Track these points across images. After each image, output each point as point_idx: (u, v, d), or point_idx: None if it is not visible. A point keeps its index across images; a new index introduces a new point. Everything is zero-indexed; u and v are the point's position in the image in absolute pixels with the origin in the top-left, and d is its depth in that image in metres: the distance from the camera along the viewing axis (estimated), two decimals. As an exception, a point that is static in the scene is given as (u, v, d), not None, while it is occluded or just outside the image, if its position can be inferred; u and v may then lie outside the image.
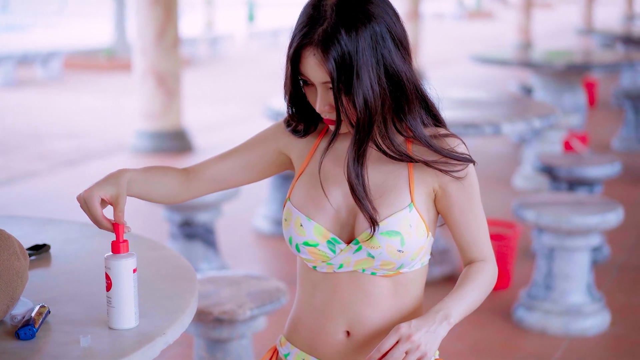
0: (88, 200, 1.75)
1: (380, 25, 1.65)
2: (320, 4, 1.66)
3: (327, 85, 1.67)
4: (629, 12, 23.04)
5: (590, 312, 4.09)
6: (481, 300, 1.75)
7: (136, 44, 8.29)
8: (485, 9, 34.99)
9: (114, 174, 1.79)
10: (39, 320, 1.73)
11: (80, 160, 8.13)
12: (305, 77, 1.69)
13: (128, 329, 1.74)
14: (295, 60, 1.68)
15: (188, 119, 9.24)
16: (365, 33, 1.63)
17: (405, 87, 1.69)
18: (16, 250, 1.74)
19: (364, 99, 1.64)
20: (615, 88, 10.52)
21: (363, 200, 1.69)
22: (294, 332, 1.88)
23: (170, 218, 4.53)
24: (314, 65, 1.65)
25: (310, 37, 1.64)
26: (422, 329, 1.63)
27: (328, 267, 1.78)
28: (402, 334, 1.61)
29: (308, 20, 1.66)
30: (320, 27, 1.64)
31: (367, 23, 1.64)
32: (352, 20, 1.63)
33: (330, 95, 1.68)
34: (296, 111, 1.81)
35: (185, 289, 1.98)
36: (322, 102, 1.70)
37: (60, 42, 18.60)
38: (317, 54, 1.64)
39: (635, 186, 6.78)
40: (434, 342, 1.63)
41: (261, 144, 1.90)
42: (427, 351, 1.62)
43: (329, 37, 1.63)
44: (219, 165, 1.91)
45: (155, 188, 1.88)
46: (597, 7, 23.03)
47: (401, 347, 1.60)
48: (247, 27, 23.85)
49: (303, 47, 1.66)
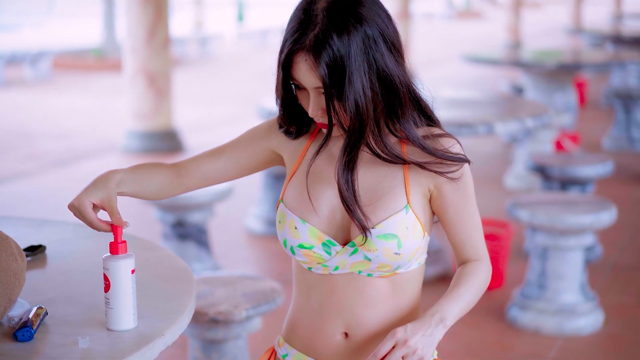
0: (80, 207, 1.73)
1: (372, 28, 1.63)
2: (310, 8, 1.64)
3: (319, 90, 1.66)
4: (617, 12, 23.11)
5: (584, 312, 4.09)
6: (476, 300, 1.75)
7: (126, 44, 8.26)
8: (474, 8, 35.06)
9: (101, 177, 1.78)
10: (37, 321, 1.71)
11: (70, 160, 8.10)
12: (297, 81, 1.68)
13: (126, 330, 1.73)
14: (286, 65, 1.66)
15: (178, 119, 9.21)
16: (357, 37, 1.61)
17: (398, 91, 1.67)
18: (14, 252, 1.73)
19: (356, 103, 1.63)
20: (605, 87, 10.57)
21: (352, 206, 1.68)
22: (292, 333, 1.87)
23: (162, 218, 4.52)
24: (306, 71, 1.64)
25: (301, 42, 1.63)
26: (418, 332, 1.62)
27: (324, 269, 1.77)
28: (399, 338, 1.61)
29: (299, 25, 1.64)
30: (311, 32, 1.62)
31: (358, 26, 1.62)
32: (344, 24, 1.61)
33: (322, 100, 1.67)
34: (288, 114, 1.80)
35: (183, 289, 1.97)
36: (315, 106, 1.68)
37: (49, 42, 18.53)
38: (309, 59, 1.62)
39: (627, 185, 6.80)
40: (430, 345, 1.63)
41: (253, 142, 1.89)
42: (424, 355, 1.61)
43: (320, 42, 1.61)
44: (210, 162, 1.90)
45: (145, 186, 1.86)
46: (585, 7, 23.08)
47: (397, 352, 1.60)
48: (237, 27, 23.83)
49: (294, 52, 1.64)
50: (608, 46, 11.37)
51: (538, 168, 5.05)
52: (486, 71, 12.87)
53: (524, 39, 18.81)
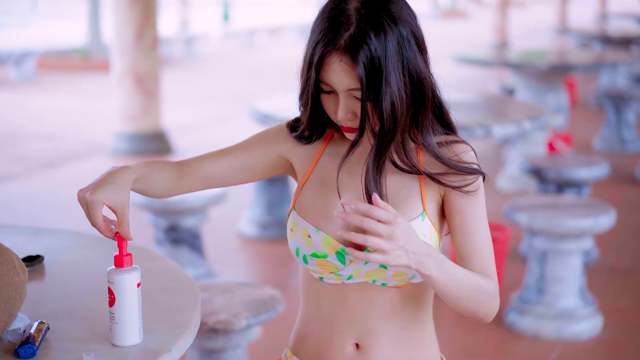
0: (91, 206, 1.64)
1: (406, 27, 1.59)
2: (343, 8, 1.59)
3: (352, 92, 1.60)
4: (602, 11, 23.16)
5: (583, 316, 4.05)
6: (470, 297, 1.62)
7: (114, 45, 8.18)
8: (459, 8, 35.08)
9: (118, 177, 1.67)
10: (39, 337, 1.65)
11: (58, 162, 8.01)
12: (327, 84, 1.62)
13: (132, 346, 1.67)
14: (317, 67, 1.60)
15: (166, 120, 9.13)
16: (393, 36, 1.57)
17: (425, 94, 1.63)
18: (15, 265, 1.66)
19: (392, 104, 1.58)
20: (594, 88, 10.56)
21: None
22: (301, 345, 1.82)
23: (155, 223, 4.45)
24: (340, 72, 1.58)
25: (335, 43, 1.57)
26: (413, 238, 1.51)
27: (336, 279, 1.71)
28: (392, 220, 1.49)
29: (331, 25, 1.58)
30: (346, 32, 1.57)
31: (393, 26, 1.57)
32: (379, 23, 1.57)
33: (353, 102, 1.62)
34: (312, 119, 1.74)
35: (188, 302, 1.91)
36: (345, 109, 1.62)
37: (33, 42, 18.38)
38: (344, 59, 1.57)
39: (620, 186, 6.78)
40: (404, 256, 1.50)
41: (261, 146, 1.82)
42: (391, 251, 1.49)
43: (357, 41, 1.56)
44: (215, 164, 1.82)
45: (151, 185, 1.78)
46: (570, 6, 23.11)
47: (381, 227, 1.49)
48: (222, 26, 23.73)
49: (327, 53, 1.58)
50: (595, 46, 11.36)
51: (534, 170, 5.02)
52: (474, 71, 12.83)
53: (510, 39, 18.81)
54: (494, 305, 1.67)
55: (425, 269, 1.54)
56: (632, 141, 8.14)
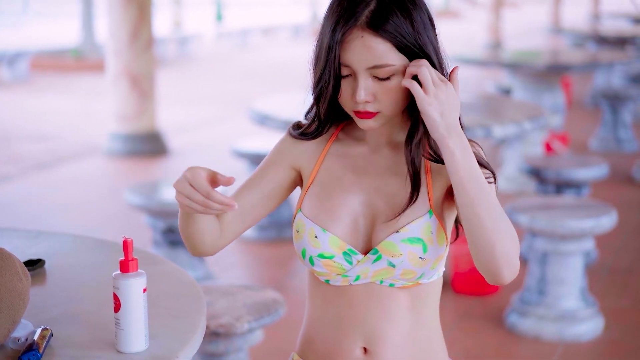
0: (195, 175, 1.52)
1: (424, 13, 1.59)
2: None
3: (372, 71, 1.57)
4: (595, 11, 23.17)
5: (585, 317, 4.03)
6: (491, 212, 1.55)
7: (109, 45, 8.13)
8: (452, 8, 35.08)
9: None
10: (43, 344, 1.62)
11: (52, 163, 7.95)
12: (346, 65, 1.58)
13: (138, 353, 1.64)
14: (338, 47, 1.57)
15: (161, 120, 9.09)
16: (417, 16, 1.57)
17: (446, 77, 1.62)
18: (18, 271, 1.63)
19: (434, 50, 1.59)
20: (589, 88, 10.55)
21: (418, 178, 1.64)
22: (308, 349, 1.79)
23: (153, 225, 4.41)
24: (362, 49, 1.56)
25: (357, 18, 1.56)
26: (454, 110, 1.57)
27: (343, 280, 1.69)
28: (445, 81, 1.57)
29: (350, 5, 1.57)
30: (366, 8, 1.56)
31: (413, 9, 1.57)
32: (402, 2, 1.56)
33: (373, 84, 1.58)
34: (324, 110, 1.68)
35: (193, 307, 1.89)
36: (365, 90, 1.58)
37: (26, 42, 18.29)
38: (366, 35, 1.55)
39: (618, 186, 6.76)
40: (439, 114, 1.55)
41: (273, 165, 1.76)
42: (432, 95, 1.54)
43: (380, 16, 1.55)
44: (241, 202, 1.72)
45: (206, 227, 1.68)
46: (563, 6, 23.11)
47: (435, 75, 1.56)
48: (216, 26, 23.67)
49: (348, 31, 1.56)
50: (590, 46, 11.34)
51: (533, 171, 5.00)
52: (468, 71, 12.81)
53: (504, 38, 18.79)
54: (514, 252, 1.56)
55: (451, 142, 1.55)
56: (628, 141, 8.13)
